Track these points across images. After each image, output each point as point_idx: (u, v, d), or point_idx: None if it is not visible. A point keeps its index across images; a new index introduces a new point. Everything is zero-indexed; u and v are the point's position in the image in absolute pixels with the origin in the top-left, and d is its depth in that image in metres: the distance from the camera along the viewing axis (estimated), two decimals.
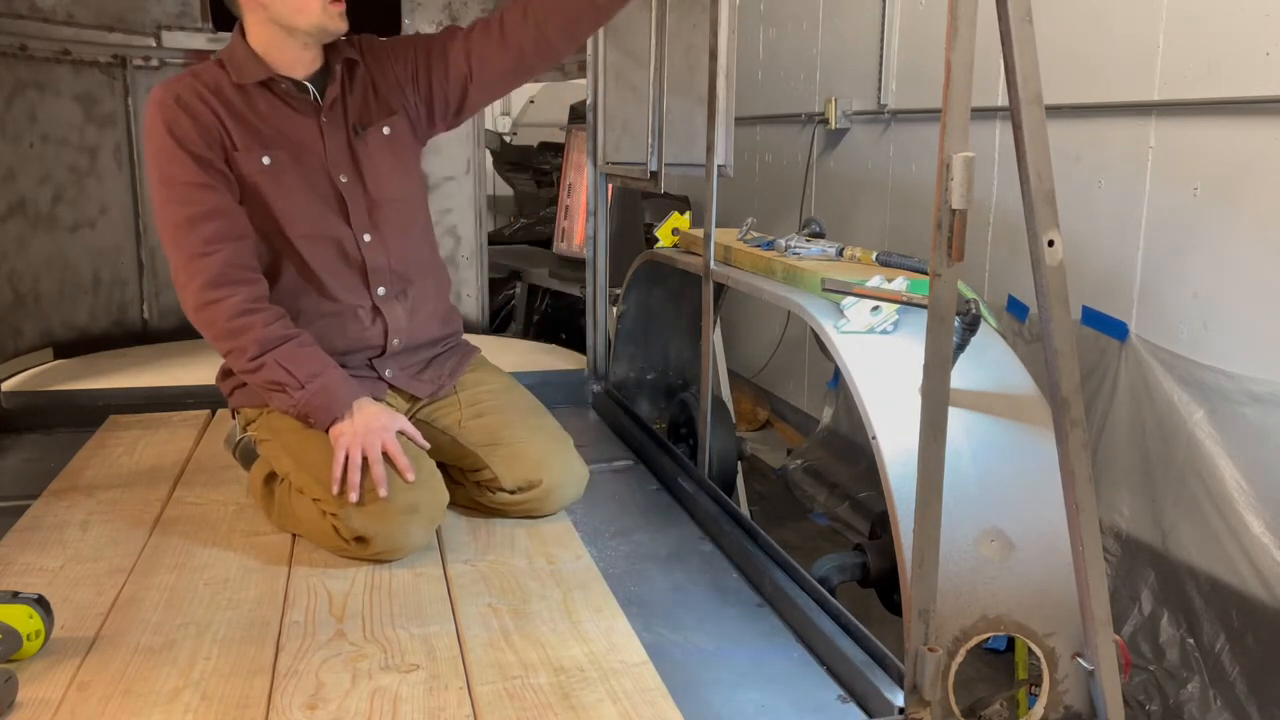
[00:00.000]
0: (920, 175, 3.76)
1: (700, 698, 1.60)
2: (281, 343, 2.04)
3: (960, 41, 1.32)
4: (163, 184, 2.09)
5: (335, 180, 2.18)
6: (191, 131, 2.06)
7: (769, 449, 4.65)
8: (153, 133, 2.09)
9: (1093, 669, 1.51)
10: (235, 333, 2.04)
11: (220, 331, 2.05)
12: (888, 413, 1.75)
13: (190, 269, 2.05)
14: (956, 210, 1.35)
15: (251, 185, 2.11)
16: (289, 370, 2.03)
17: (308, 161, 2.16)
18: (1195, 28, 2.50)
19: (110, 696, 1.54)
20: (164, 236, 2.10)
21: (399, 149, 2.28)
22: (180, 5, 3.93)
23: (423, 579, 1.97)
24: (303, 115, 2.17)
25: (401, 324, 2.27)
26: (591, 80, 3.24)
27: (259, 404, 2.20)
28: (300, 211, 2.15)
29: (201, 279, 2.04)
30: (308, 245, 2.16)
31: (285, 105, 2.16)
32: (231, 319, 2.03)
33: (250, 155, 2.11)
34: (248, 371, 2.07)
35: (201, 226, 2.05)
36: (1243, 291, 2.40)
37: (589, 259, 3.41)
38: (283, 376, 2.03)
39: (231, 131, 2.10)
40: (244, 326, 2.03)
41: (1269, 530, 2.28)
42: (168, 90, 2.10)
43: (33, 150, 3.53)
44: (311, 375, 2.04)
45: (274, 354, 2.03)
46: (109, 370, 3.45)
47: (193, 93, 2.10)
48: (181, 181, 2.07)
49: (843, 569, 2.04)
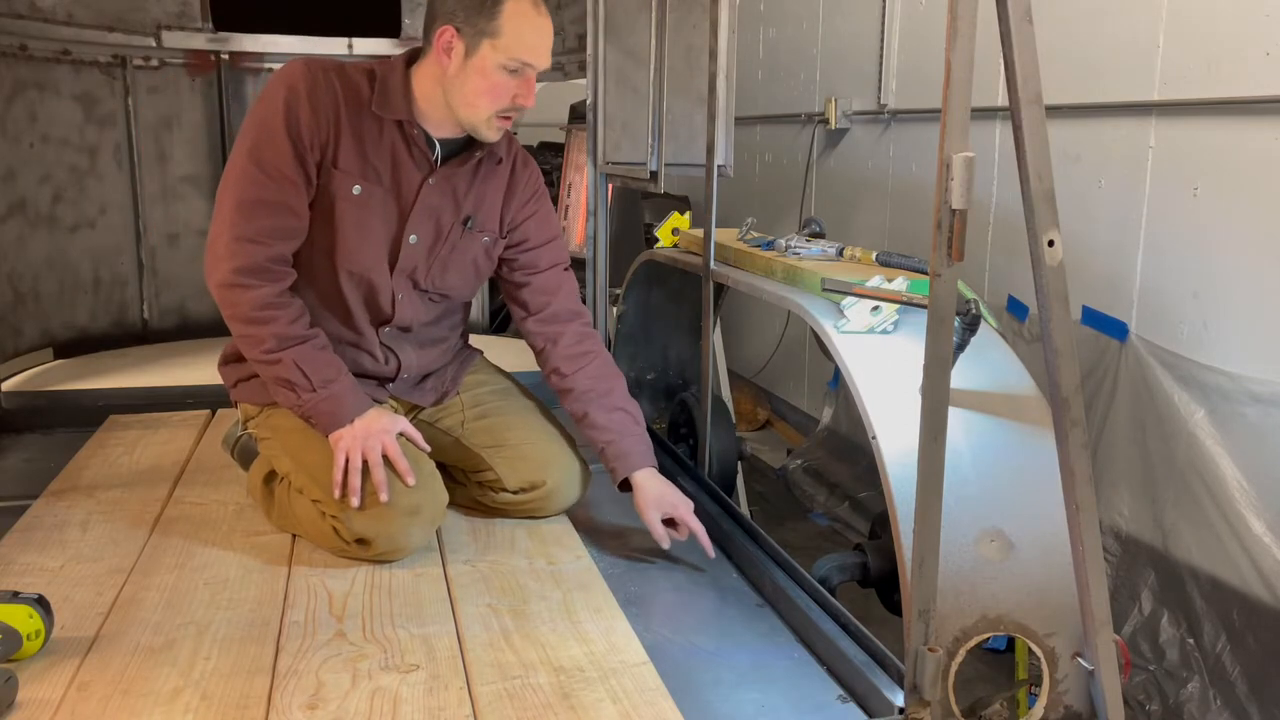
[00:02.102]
0: (920, 175, 3.76)
1: (700, 698, 1.60)
2: (300, 342, 2.02)
3: (960, 41, 1.32)
4: (249, 157, 2.01)
5: (405, 238, 2.14)
6: (306, 125, 2.01)
7: (769, 449, 4.65)
8: (270, 101, 2.02)
9: (1093, 669, 1.51)
10: (257, 322, 2.01)
11: (242, 317, 2.01)
12: (888, 413, 1.75)
13: (233, 248, 1.99)
14: (956, 210, 1.35)
15: (329, 204, 2.07)
16: (304, 372, 2.01)
17: (390, 207, 2.12)
18: (1195, 28, 2.50)
19: (110, 696, 1.54)
20: (223, 201, 2.03)
21: (485, 262, 2.28)
22: (180, 5, 3.93)
23: (423, 579, 1.97)
24: (414, 164, 2.11)
25: (413, 362, 2.27)
26: (591, 80, 3.24)
27: (261, 400, 2.20)
28: (358, 248, 2.11)
29: (240, 262, 1.99)
30: (350, 279, 2.13)
31: (404, 148, 2.10)
32: (256, 309, 2.00)
33: (346, 179, 2.06)
34: (260, 362, 2.04)
35: (264, 216, 2.01)
36: (1243, 291, 2.40)
37: (589, 259, 3.41)
38: (296, 377, 2.01)
39: (341, 149, 2.05)
40: (267, 319, 2.01)
41: (1269, 530, 2.27)
42: (310, 71, 2.04)
43: (33, 150, 3.53)
44: (325, 381, 2.03)
45: (291, 352, 2.01)
46: (109, 370, 3.45)
47: (329, 90, 2.03)
48: (269, 165, 2.01)
49: (843, 569, 2.04)
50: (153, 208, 3.94)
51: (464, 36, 1.98)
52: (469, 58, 1.99)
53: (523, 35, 1.98)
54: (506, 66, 1.98)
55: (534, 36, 2.00)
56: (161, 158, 3.97)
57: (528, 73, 2.01)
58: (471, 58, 1.99)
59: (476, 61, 1.99)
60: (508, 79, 2.00)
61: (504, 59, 1.98)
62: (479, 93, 2.01)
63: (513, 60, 1.98)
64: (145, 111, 3.90)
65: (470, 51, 1.99)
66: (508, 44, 1.97)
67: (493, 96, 2.01)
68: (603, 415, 2.21)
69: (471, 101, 2.02)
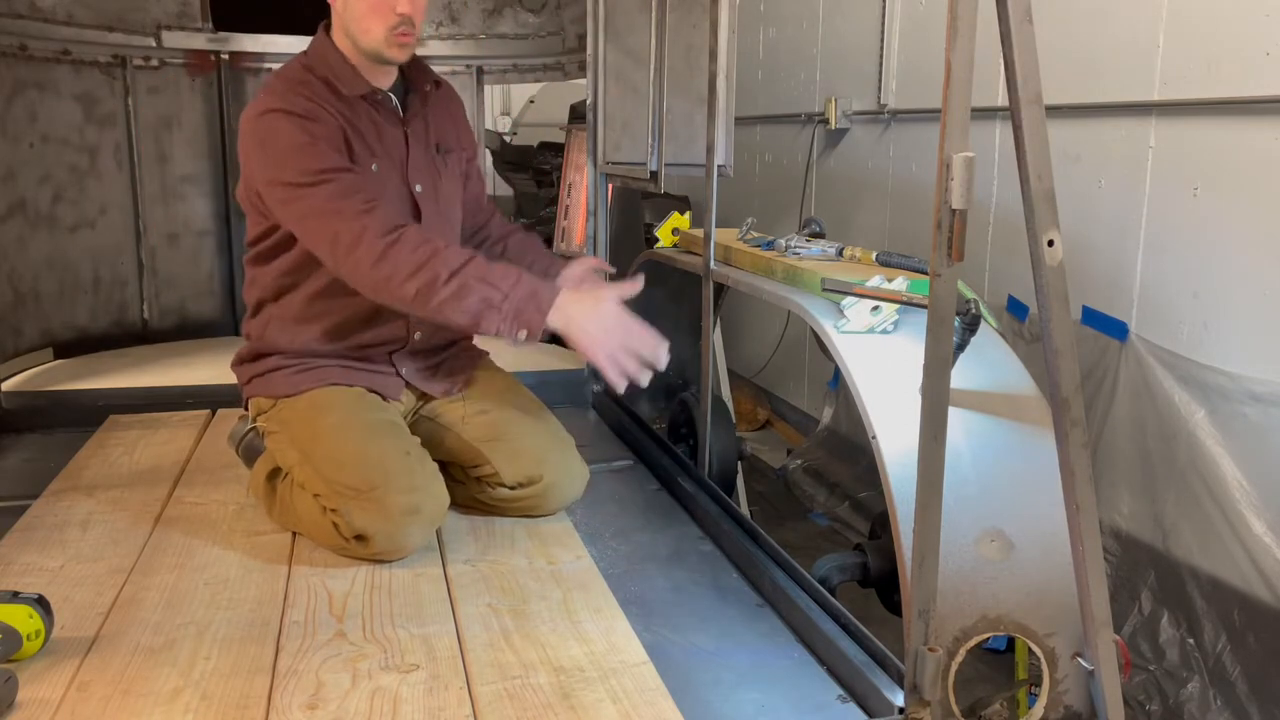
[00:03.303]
0: (920, 175, 3.76)
1: (700, 698, 1.60)
2: (465, 263, 1.98)
3: (960, 41, 1.32)
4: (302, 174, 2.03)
5: (412, 189, 2.25)
6: (325, 129, 2.08)
7: (769, 449, 4.65)
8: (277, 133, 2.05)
9: (1093, 669, 1.51)
10: (423, 263, 1.96)
11: (409, 266, 1.96)
12: (888, 413, 1.75)
13: (356, 226, 1.99)
14: (956, 210, 1.35)
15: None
16: (489, 283, 1.96)
17: (394, 170, 2.22)
18: (1195, 28, 2.50)
19: (110, 696, 1.54)
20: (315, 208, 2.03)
21: (461, 179, 2.42)
22: (180, 5, 3.93)
23: (423, 579, 1.97)
24: (391, 126, 2.23)
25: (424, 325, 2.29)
26: (591, 80, 3.24)
27: (275, 394, 2.22)
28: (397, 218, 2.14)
29: (374, 230, 1.98)
30: None
31: (376, 113, 2.20)
32: (415, 249, 1.97)
33: (363, 165, 2.14)
34: (445, 299, 1.96)
35: (355, 193, 2.03)
36: (1243, 291, 2.40)
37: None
38: (487, 291, 1.95)
39: (352, 141, 2.13)
40: (429, 254, 1.96)
41: (1270, 530, 2.27)
42: (286, 93, 2.09)
43: (33, 150, 3.53)
44: (510, 280, 1.98)
45: (464, 274, 1.96)
46: (109, 370, 3.45)
47: (311, 100, 2.09)
48: (327, 167, 2.04)
49: (843, 569, 2.04)
50: (153, 208, 3.94)
51: None
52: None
53: None
54: None
55: None
56: (161, 158, 3.97)
57: None
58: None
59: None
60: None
61: None
62: (364, 17, 2.10)
63: None
64: (145, 111, 3.90)
65: None
66: None
67: (378, 14, 2.08)
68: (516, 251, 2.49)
69: (365, 29, 2.11)
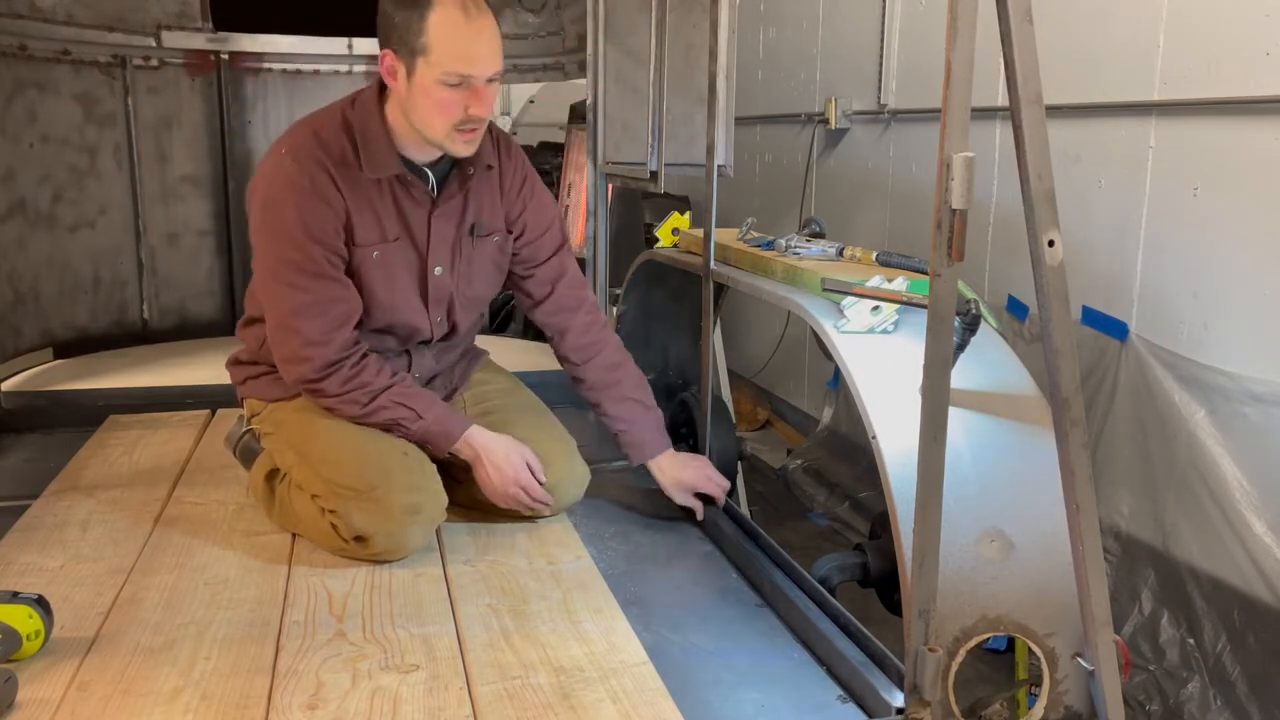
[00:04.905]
0: (920, 175, 3.76)
1: (700, 698, 1.60)
2: (388, 387, 2.08)
3: (960, 41, 1.32)
4: (287, 267, 2.03)
5: (430, 271, 2.16)
6: (325, 221, 2.01)
7: (769, 449, 4.65)
8: (280, 206, 2.02)
9: (1093, 669, 1.51)
10: (345, 398, 2.07)
11: (330, 398, 2.08)
12: (888, 413, 1.75)
13: (304, 354, 2.04)
14: (956, 210, 1.35)
15: (356, 272, 2.09)
16: (407, 406, 2.09)
17: (410, 253, 2.14)
18: (1195, 28, 2.50)
19: (110, 696, 1.54)
20: (277, 308, 2.07)
21: (501, 258, 2.29)
22: (180, 5, 3.93)
23: (423, 579, 1.97)
24: (417, 205, 2.12)
25: (428, 366, 2.29)
26: (591, 80, 3.24)
27: (268, 396, 2.22)
28: (390, 300, 2.13)
29: (315, 364, 2.04)
30: (388, 326, 2.16)
31: (404, 193, 2.10)
32: (340, 388, 2.06)
33: (366, 250, 2.07)
34: (361, 418, 2.09)
35: (319, 315, 2.03)
36: (1243, 291, 2.40)
37: (589, 259, 3.41)
38: (401, 414, 2.08)
39: (355, 225, 2.05)
40: (352, 389, 2.06)
41: (1270, 530, 2.27)
42: (301, 164, 2.01)
43: (33, 150, 3.53)
44: (427, 408, 2.10)
45: (384, 398, 2.07)
46: (109, 370, 3.45)
47: (325, 175, 2.01)
48: (307, 269, 2.02)
49: (843, 569, 2.04)
50: (153, 208, 3.94)
51: (401, 58, 1.94)
52: (410, 79, 1.94)
53: (453, 46, 1.90)
54: (446, 82, 1.92)
55: (466, 46, 1.91)
56: (161, 158, 3.97)
57: (472, 83, 1.94)
58: (412, 78, 1.94)
59: (417, 82, 1.94)
60: (452, 93, 1.93)
61: (440, 75, 1.91)
62: (429, 112, 1.96)
63: (449, 75, 1.91)
64: (145, 111, 3.90)
65: (410, 73, 1.94)
66: (439, 59, 1.90)
67: (444, 114, 1.95)
68: (614, 406, 2.31)
69: (426, 121, 1.98)
